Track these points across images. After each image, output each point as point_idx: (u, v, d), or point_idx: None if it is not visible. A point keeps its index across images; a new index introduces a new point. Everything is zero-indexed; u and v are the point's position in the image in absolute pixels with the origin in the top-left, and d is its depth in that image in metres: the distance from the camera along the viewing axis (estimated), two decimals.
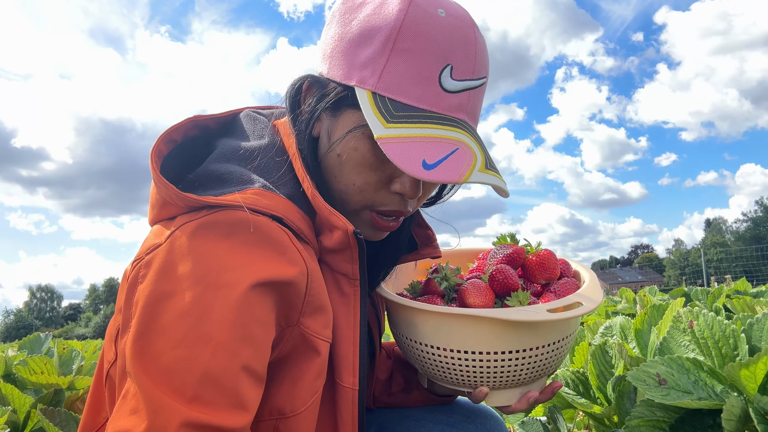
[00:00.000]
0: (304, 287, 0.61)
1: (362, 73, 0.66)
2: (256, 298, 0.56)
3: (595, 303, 0.74)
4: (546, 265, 0.84)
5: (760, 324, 0.80)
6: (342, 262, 0.70)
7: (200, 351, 0.54)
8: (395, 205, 0.72)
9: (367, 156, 0.68)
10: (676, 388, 0.74)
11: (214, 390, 0.53)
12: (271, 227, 0.60)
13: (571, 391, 1.15)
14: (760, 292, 3.13)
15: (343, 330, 0.68)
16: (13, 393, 1.36)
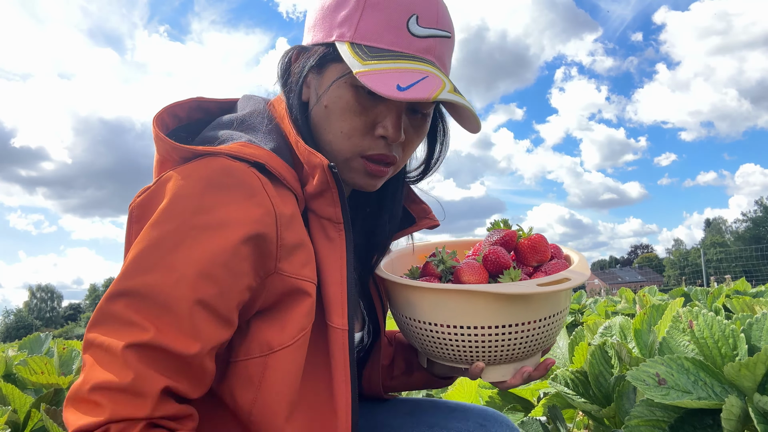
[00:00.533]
0: (274, 230, 0.66)
1: (341, 30, 0.76)
2: (224, 240, 0.62)
3: (584, 276, 0.79)
4: (537, 248, 0.87)
5: (760, 324, 0.80)
6: (325, 206, 0.75)
7: (165, 279, 0.60)
8: (381, 149, 0.77)
9: (351, 102, 0.75)
10: (676, 387, 0.74)
11: (169, 317, 0.59)
12: (246, 173, 0.66)
13: (571, 390, 1.15)
14: (759, 292, 3.13)
15: (331, 273, 0.73)
16: (14, 393, 1.36)
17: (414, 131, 0.82)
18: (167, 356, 0.60)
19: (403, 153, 0.82)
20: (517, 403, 1.40)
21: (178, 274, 0.60)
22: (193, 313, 0.60)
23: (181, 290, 0.60)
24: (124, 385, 0.58)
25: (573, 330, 1.68)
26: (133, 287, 0.60)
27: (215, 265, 0.62)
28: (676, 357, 0.76)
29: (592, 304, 4.41)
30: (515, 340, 0.80)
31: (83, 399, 0.59)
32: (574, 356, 1.23)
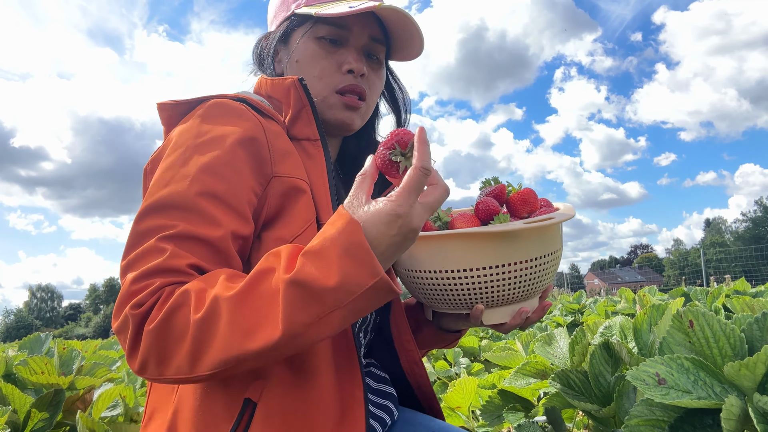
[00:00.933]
0: (263, 136, 0.80)
1: (296, 2, 0.94)
2: (225, 146, 0.76)
3: (568, 215, 0.85)
4: (527, 199, 0.92)
5: (760, 323, 0.80)
6: (302, 126, 0.89)
7: (180, 187, 0.73)
8: (350, 81, 0.92)
9: (317, 49, 0.92)
10: (676, 387, 0.74)
11: (192, 213, 0.72)
12: (232, 103, 0.82)
13: (571, 390, 1.15)
14: (759, 292, 3.13)
15: (316, 180, 0.85)
16: (14, 393, 1.36)
17: (373, 72, 0.96)
18: (197, 241, 0.71)
19: (370, 90, 0.96)
20: (517, 402, 1.40)
21: (189, 178, 0.73)
22: (209, 205, 0.73)
23: (195, 188, 0.73)
24: (159, 264, 0.69)
25: (573, 330, 1.68)
26: (155, 202, 0.72)
27: (219, 165, 0.75)
28: (675, 357, 0.76)
29: (592, 304, 4.41)
30: (511, 281, 0.84)
31: (127, 294, 0.68)
32: (574, 356, 1.23)
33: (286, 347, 0.63)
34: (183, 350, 0.64)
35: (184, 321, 0.64)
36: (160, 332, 0.64)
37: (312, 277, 0.61)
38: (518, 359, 1.61)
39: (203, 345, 0.63)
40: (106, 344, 2.95)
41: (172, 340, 0.64)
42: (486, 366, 2.31)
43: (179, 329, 0.64)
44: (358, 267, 0.62)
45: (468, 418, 1.67)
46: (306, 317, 0.62)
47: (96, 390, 1.61)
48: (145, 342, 0.65)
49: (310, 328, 0.62)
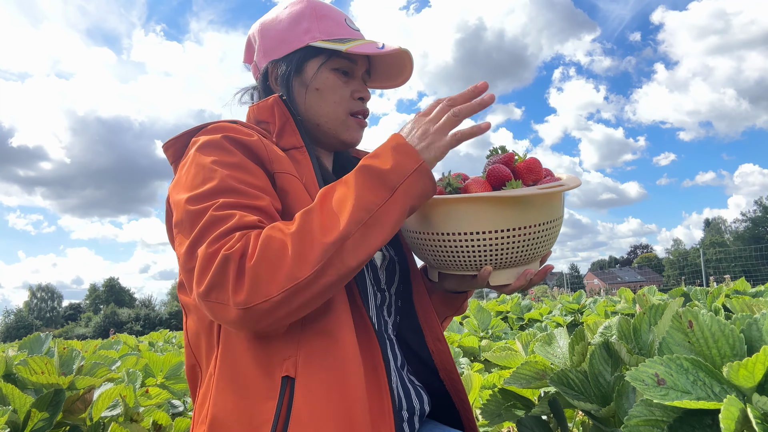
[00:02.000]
0: (259, 141, 0.92)
1: (309, 35, 1.05)
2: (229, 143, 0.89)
3: (576, 182, 0.91)
4: (533, 168, 0.96)
5: (759, 324, 0.80)
6: (288, 137, 1.01)
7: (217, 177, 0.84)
8: (362, 106, 1.10)
9: (335, 80, 1.06)
10: (675, 388, 0.74)
11: (235, 193, 0.83)
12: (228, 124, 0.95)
13: (570, 390, 1.15)
14: (759, 291, 3.14)
15: (309, 179, 0.96)
16: (14, 393, 1.36)
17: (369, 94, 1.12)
18: (251, 209, 0.82)
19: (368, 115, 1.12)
20: (518, 401, 1.40)
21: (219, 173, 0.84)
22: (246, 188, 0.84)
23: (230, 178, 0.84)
24: (235, 224, 0.78)
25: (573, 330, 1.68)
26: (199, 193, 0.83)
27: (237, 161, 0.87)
28: (675, 357, 0.76)
29: (591, 303, 4.41)
30: (518, 244, 0.89)
31: (211, 253, 0.76)
32: (573, 356, 1.24)
33: (364, 227, 0.77)
34: (287, 262, 0.74)
35: (281, 240, 0.75)
36: (262, 257, 0.74)
37: (374, 164, 0.82)
38: (518, 359, 1.61)
39: (305, 245, 0.75)
40: (106, 344, 2.94)
41: (275, 259, 0.74)
42: (486, 366, 2.32)
43: (277, 248, 0.75)
44: (404, 157, 0.82)
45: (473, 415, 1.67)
46: (373, 197, 0.79)
47: (96, 390, 1.61)
48: (251, 270, 0.73)
49: (378, 209, 0.79)
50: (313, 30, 1.05)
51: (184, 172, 0.88)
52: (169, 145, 0.97)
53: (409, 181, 0.81)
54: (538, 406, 1.28)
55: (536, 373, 1.30)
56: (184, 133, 0.96)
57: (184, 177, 0.87)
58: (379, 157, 0.83)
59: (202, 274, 0.76)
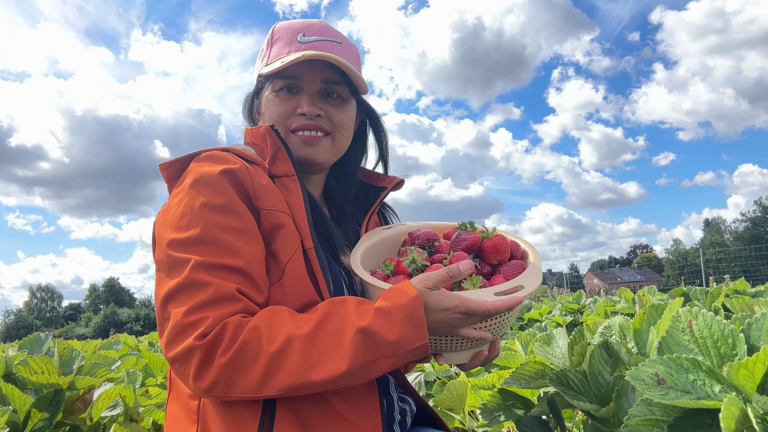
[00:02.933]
0: (247, 174, 0.94)
1: (263, 64, 1.12)
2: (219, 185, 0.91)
3: (534, 287, 0.94)
4: (498, 248, 1.01)
5: (759, 324, 0.80)
6: (280, 165, 1.03)
7: (200, 224, 0.87)
8: (303, 121, 1.07)
9: (274, 99, 1.09)
10: (675, 387, 0.74)
11: (215, 247, 0.86)
12: (219, 152, 0.98)
13: (570, 390, 1.15)
14: (758, 291, 3.13)
15: (297, 211, 0.98)
16: (14, 393, 1.36)
17: (334, 108, 1.09)
18: (228, 269, 0.85)
19: (335, 127, 1.09)
20: (517, 401, 1.40)
21: (204, 219, 0.87)
22: (227, 237, 0.87)
23: (211, 225, 0.87)
24: (211, 296, 0.81)
25: (572, 330, 1.68)
26: (182, 239, 0.86)
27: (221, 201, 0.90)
28: (675, 357, 0.76)
29: (591, 304, 4.41)
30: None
31: (184, 325, 0.80)
32: (573, 356, 1.24)
33: (345, 379, 0.80)
34: (254, 376, 0.79)
35: (256, 352, 0.79)
36: (234, 362, 0.79)
37: (380, 331, 0.81)
38: (518, 359, 1.61)
39: (274, 373, 0.79)
40: (106, 344, 2.94)
41: (244, 368, 0.79)
42: (486, 366, 2.31)
43: (250, 358, 0.79)
44: (413, 331, 0.82)
45: (463, 418, 1.67)
46: (367, 358, 0.80)
47: (96, 390, 1.61)
48: (218, 368, 0.79)
49: (367, 366, 0.81)
50: (266, 57, 1.11)
51: (175, 204, 0.92)
52: (164, 166, 1.01)
53: (407, 356, 0.83)
54: (538, 406, 1.28)
55: (536, 373, 1.30)
56: (179, 159, 1.00)
57: (172, 212, 0.91)
58: (389, 318, 0.82)
59: (171, 343, 0.81)
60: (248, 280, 0.87)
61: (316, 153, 1.08)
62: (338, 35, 1.11)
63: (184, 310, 0.81)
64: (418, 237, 1.13)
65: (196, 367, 0.79)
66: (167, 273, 0.85)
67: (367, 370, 0.81)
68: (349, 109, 1.12)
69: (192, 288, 0.82)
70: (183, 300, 0.82)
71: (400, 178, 1.21)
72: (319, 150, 1.08)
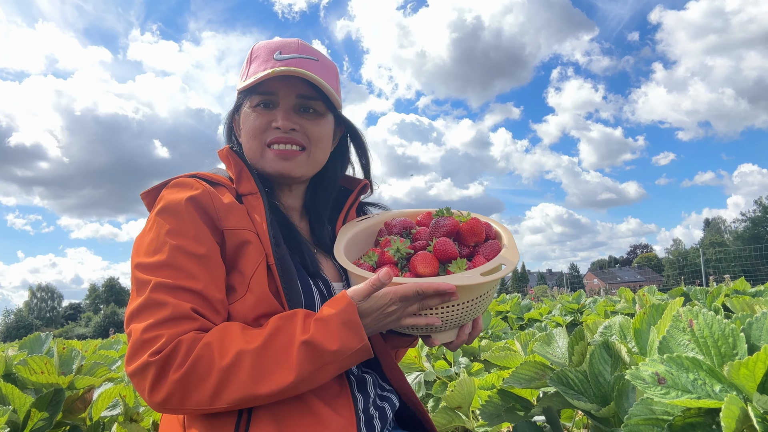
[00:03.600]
0: (209, 198, 1.00)
1: (241, 82, 1.15)
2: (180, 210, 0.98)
3: (515, 263, 1.01)
4: (474, 230, 1.07)
5: (759, 323, 0.80)
6: (245, 183, 1.09)
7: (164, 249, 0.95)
8: (277, 134, 1.10)
9: (251, 114, 1.12)
10: (675, 387, 0.74)
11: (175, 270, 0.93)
12: (185, 179, 1.04)
13: (570, 390, 1.15)
14: (759, 291, 3.14)
15: (260, 227, 1.03)
16: (13, 393, 1.36)
17: (309, 122, 1.12)
18: (186, 291, 0.91)
19: (310, 141, 1.13)
20: (517, 402, 1.40)
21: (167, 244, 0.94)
22: (188, 262, 0.93)
23: (173, 251, 0.93)
24: (168, 315, 0.87)
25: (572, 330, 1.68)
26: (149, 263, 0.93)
27: (182, 227, 0.96)
28: (675, 356, 0.76)
29: (591, 303, 4.41)
30: (461, 313, 1.01)
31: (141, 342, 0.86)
32: (573, 356, 1.24)
33: (294, 389, 0.86)
34: (206, 390, 0.84)
35: (208, 367, 0.84)
36: (187, 376, 0.84)
37: (321, 341, 0.87)
38: (517, 359, 1.61)
39: (226, 386, 0.84)
40: (106, 344, 2.94)
41: (196, 382, 0.84)
42: (486, 366, 2.31)
43: (202, 373, 0.84)
44: (351, 336, 0.89)
45: (468, 418, 1.67)
46: (312, 367, 0.86)
47: (96, 390, 1.61)
48: (171, 383, 0.84)
49: (313, 375, 0.87)
50: (244, 75, 1.15)
51: (146, 231, 0.99)
52: (144, 195, 1.07)
53: (351, 359, 0.90)
54: (537, 407, 1.28)
55: (536, 373, 1.30)
56: (155, 187, 1.06)
57: (145, 239, 0.98)
58: (327, 327, 0.89)
59: (129, 359, 0.87)
60: (206, 302, 0.93)
61: (292, 167, 1.12)
62: (315, 53, 1.14)
63: (142, 327, 0.87)
64: (395, 226, 1.17)
65: (151, 382, 0.85)
66: (134, 293, 0.93)
67: (315, 378, 0.88)
68: (324, 123, 1.15)
69: (151, 307, 0.89)
70: (143, 318, 0.88)
71: (365, 180, 1.28)
72: (295, 164, 1.12)
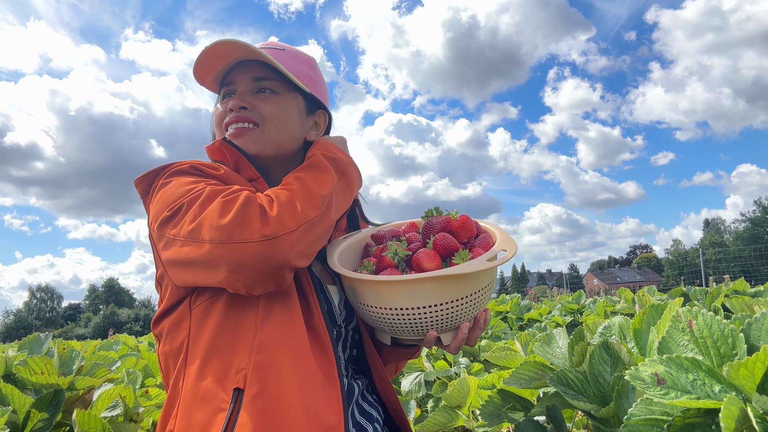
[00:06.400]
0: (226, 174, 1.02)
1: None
2: (196, 167, 1.00)
3: (515, 248, 1.00)
4: (466, 226, 1.07)
5: (759, 323, 0.80)
6: (246, 171, 1.08)
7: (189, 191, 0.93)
8: (231, 116, 1.11)
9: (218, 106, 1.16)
10: (675, 387, 0.74)
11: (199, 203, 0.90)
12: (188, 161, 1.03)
13: (570, 390, 1.15)
14: (758, 291, 3.14)
15: None
16: (13, 393, 1.36)
17: (262, 101, 1.11)
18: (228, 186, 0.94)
19: (264, 118, 1.11)
20: (517, 402, 1.40)
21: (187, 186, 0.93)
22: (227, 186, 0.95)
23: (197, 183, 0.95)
24: (236, 188, 0.92)
25: (572, 330, 1.68)
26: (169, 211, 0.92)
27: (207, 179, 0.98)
28: (675, 357, 0.76)
29: (591, 304, 4.41)
30: (466, 307, 0.99)
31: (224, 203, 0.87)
32: (573, 356, 1.24)
33: (338, 191, 1.01)
34: (299, 204, 0.90)
35: (288, 193, 0.92)
36: (280, 201, 0.89)
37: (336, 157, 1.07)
38: (517, 359, 1.61)
39: (308, 195, 0.93)
40: (106, 344, 2.94)
41: (289, 202, 0.89)
42: (485, 366, 2.32)
43: (288, 196, 0.91)
44: (342, 152, 1.08)
45: (468, 417, 1.67)
46: (342, 167, 1.05)
47: (96, 390, 1.61)
48: (275, 210, 0.87)
49: (344, 172, 1.05)
50: None
51: (158, 198, 0.95)
52: (139, 181, 1.04)
53: (351, 166, 1.09)
54: (537, 407, 1.28)
55: (536, 373, 1.30)
56: (151, 171, 1.03)
57: (161, 201, 0.94)
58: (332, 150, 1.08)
59: (222, 214, 0.85)
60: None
61: (244, 143, 1.10)
62: (283, 46, 1.16)
63: (221, 195, 0.88)
64: (384, 236, 1.16)
65: (258, 216, 0.85)
66: (188, 205, 0.90)
67: (348, 176, 1.06)
68: (280, 101, 1.13)
69: (216, 192, 0.89)
70: (215, 196, 0.89)
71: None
72: (248, 140, 1.10)
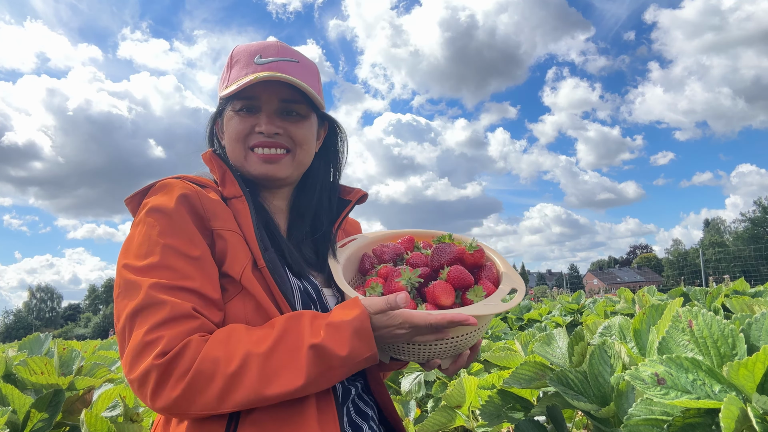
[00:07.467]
0: (197, 198, 1.01)
1: (223, 87, 1.15)
2: (171, 210, 0.97)
3: (524, 287, 1.05)
4: (478, 262, 1.12)
5: (759, 323, 0.80)
6: (229, 187, 1.09)
7: (156, 251, 0.93)
8: (260, 138, 1.11)
9: (234, 118, 1.12)
10: (675, 387, 0.74)
11: (170, 270, 0.92)
12: (171, 180, 1.04)
13: (570, 390, 1.15)
14: (758, 291, 3.14)
15: (247, 231, 1.03)
16: (13, 393, 1.36)
17: (293, 125, 1.12)
18: (184, 290, 0.90)
19: (295, 143, 1.13)
20: (517, 402, 1.40)
21: (160, 245, 0.93)
22: (180, 263, 0.92)
23: (166, 251, 0.93)
24: (168, 315, 0.86)
25: (572, 330, 1.68)
26: (141, 266, 0.91)
27: (173, 227, 0.95)
28: (675, 357, 0.76)
29: (591, 304, 4.41)
30: (469, 340, 1.03)
31: (144, 344, 0.84)
32: (573, 356, 1.24)
33: (302, 391, 0.86)
34: (213, 393, 0.83)
35: (215, 370, 0.83)
36: (193, 380, 0.82)
37: (332, 346, 0.87)
38: (517, 359, 1.61)
39: (233, 390, 0.83)
40: (106, 344, 2.94)
41: (203, 386, 0.83)
42: (485, 366, 2.31)
43: (209, 376, 0.83)
44: (361, 344, 0.88)
45: (468, 417, 1.67)
46: (319, 370, 0.86)
47: (96, 390, 1.61)
48: (177, 388, 0.82)
49: (320, 377, 0.87)
50: (225, 80, 1.15)
51: (135, 235, 0.97)
52: (129, 200, 1.06)
53: (359, 365, 0.90)
54: (537, 407, 1.28)
55: (536, 374, 1.30)
56: (138, 192, 1.05)
57: (133, 243, 0.96)
58: (339, 333, 0.88)
59: (132, 362, 0.85)
60: (203, 300, 0.92)
61: (277, 170, 1.12)
62: (295, 54, 1.15)
63: (144, 330, 0.85)
64: (386, 253, 1.17)
65: (153, 386, 0.83)
66: (125, 296, 0.90)
67: (322, 381, 0.88)
68: (308, 125, 1.15)
69: (150, 308, 0.87)
70: (142, 320, 0.86)
71: (364, 191, 1.29)
72: (280, 167, 1.12)
